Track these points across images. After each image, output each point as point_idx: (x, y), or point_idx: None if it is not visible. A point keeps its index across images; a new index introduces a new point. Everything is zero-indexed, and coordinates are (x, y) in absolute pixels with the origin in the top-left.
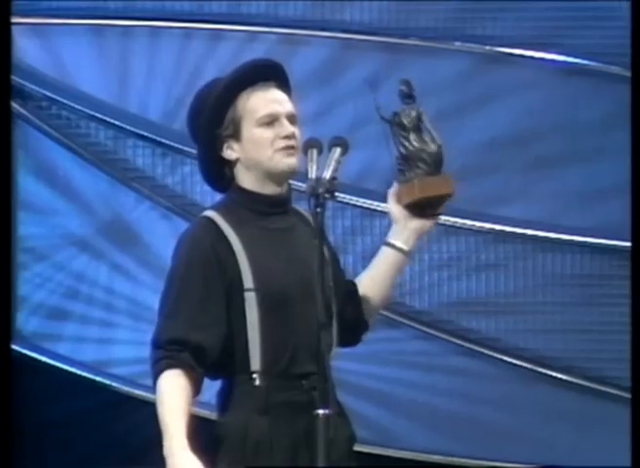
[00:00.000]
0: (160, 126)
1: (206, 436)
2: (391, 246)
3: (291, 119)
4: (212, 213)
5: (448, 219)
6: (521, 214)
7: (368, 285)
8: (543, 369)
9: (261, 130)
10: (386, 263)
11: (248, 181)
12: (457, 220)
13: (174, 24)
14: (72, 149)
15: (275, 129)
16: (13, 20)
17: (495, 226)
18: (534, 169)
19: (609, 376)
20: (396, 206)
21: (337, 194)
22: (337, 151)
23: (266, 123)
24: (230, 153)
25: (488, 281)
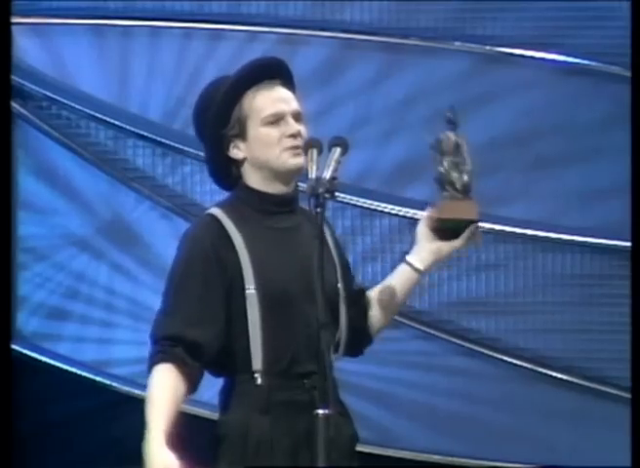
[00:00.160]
0: (160, 126)
1: (206, 436)
2: (407, 263)
3: (296, 117)
4: (216, 210)
5: None
6: (521, 214)
7: (377, 297)
8: (543, 369)
9: (267, 129)
10: (400, 279)
11: (255, 180)
12: None
13: (174, 24)
14: (72, 149)
15: (281, 128)
16: (13, 20)
17: (495, 226)
18: (534, 169)
19: (609, 376)
20: (422, 226)
21: (337, 194)
22: (337, 151)
23: (272, 122)
24: (237, 153)
25: (488, 281)
